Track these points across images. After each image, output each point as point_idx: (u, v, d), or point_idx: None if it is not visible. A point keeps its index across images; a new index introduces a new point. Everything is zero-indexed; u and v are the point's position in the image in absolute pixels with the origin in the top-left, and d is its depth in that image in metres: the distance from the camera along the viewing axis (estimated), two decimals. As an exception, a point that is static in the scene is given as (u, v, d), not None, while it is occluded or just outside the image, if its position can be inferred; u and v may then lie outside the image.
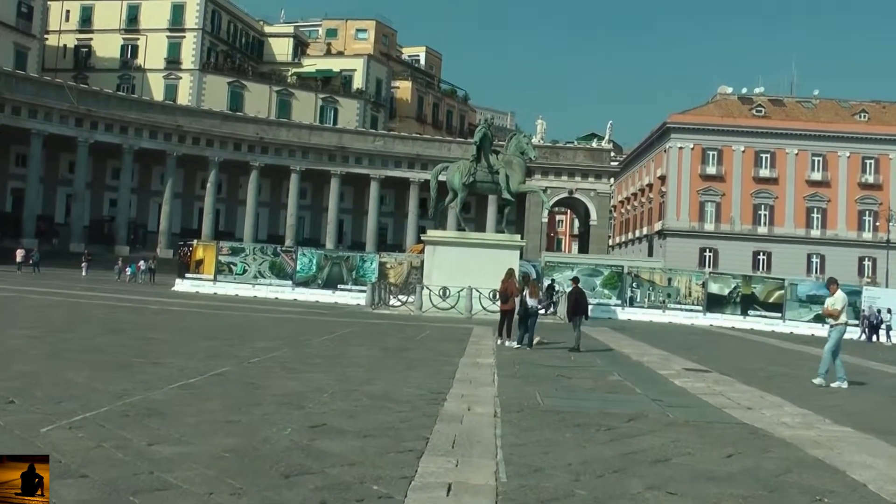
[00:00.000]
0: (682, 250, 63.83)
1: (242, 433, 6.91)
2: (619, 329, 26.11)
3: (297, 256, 37.20)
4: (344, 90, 71.93)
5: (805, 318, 35.13)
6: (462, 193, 31.07)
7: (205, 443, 6.50)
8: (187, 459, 5.96)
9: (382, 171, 60.79)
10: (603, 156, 61.00)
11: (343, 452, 6.41)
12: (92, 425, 6.83)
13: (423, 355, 14.42)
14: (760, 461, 6.91)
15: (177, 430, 6.88)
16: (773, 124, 66.59)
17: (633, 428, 8.12)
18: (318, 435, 7.00)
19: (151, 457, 5.99)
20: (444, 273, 29.57)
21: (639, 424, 8.33)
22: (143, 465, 5.78)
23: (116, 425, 6.90)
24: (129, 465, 5.76)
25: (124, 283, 41.06)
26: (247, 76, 69.17)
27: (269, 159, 59.30)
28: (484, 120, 33.01)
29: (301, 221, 62.79)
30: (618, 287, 36.46)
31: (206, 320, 20.55)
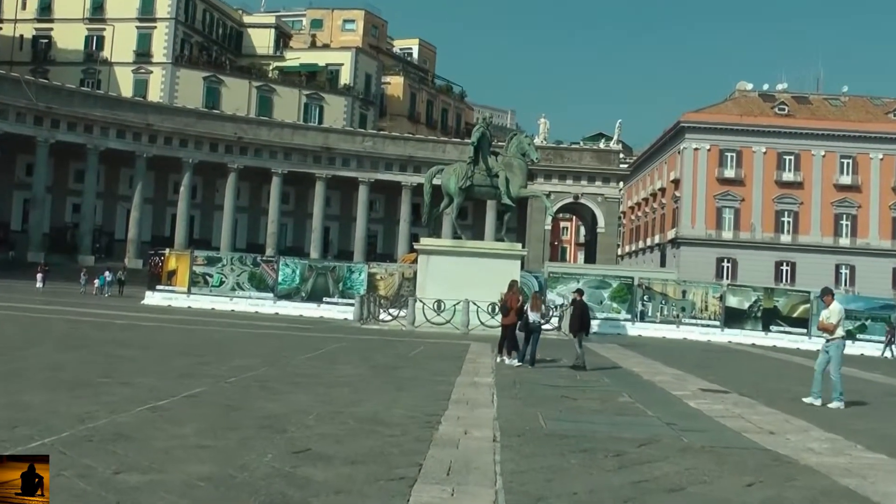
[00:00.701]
0: (698, 260, 63.95)
1: (218, 460, 6.88)
2: (628, 346, 26.11)
3: (279, 267, 37.12)
4: (330, 86, 72.08)
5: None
6: (458, 198, 31.09)
7: (177, 470, 6.47)
8: (158, 489, 5.93)
9: (372, 174, 60.86)
10: (611, 157, 61.19)
11: (328, 480, 6.39)
12: (52, 452, 6.80)
13: (415, 374, 14.39)
14: (784, 491, 6.90)
15: (146, 456, 6.85)
16: (797, 123, 66.81)
17: (644, 454, 8.11)
18: (302, 461, 6.97)
19: (118, 486, 5.96)
20: (439, 285, 29.54)
21: (650, 450, 8.32)
22: (109, 495, 5.74)
23: (79, 452, 6.87)
24: (93, 495, 5.73)
25: (89, 296, 40.92)
26: (224, 70, 69.28)
27: (249, 161, 59.34)
28: (482, 119, 33.10)
29: (283, 229, 62.76)
30: (627, 300, 36.44)
31: (179, 336, 20.49)
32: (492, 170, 31.05)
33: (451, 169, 31.77)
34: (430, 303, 29.07)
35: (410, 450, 7.60)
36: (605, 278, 37.29)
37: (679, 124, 67.97)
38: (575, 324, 18.01)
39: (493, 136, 35.31)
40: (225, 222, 59.13)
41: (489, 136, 32.30)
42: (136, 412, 8.83)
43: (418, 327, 28.46)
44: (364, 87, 74.20)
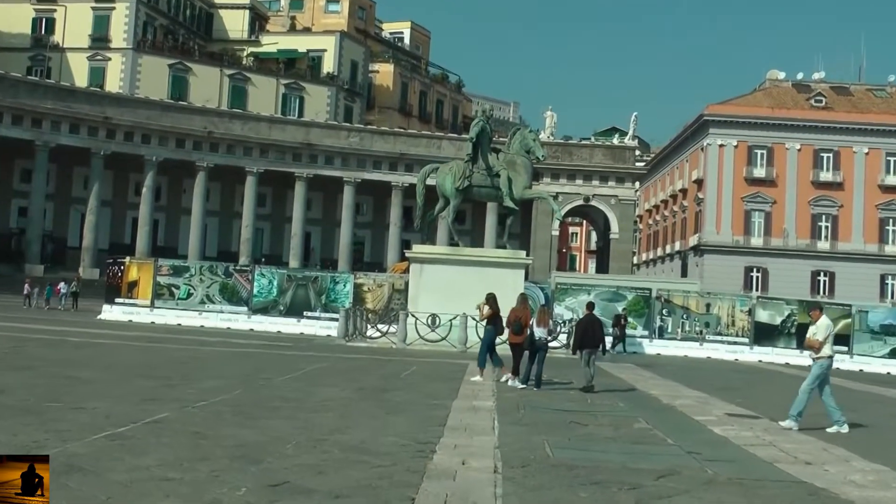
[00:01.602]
0: (724, 270, 64.06)
1: (185, 494, 6.86)
2: (645, 365, 26.12)
3: (254, 277, 37.08)
4: (311, 75, 72.17)
5: (878, 352, 35.20)
6: (455, 201, 31.13)
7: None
8: (115, 526, 5.91)
9: (358, 174, 60.92)
10: (626, 155, 61.34)
11: (308, 517, 6.37)
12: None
13: (407, 397, 14.38)
14: (821, 527, 6.90)
15: (103, 490, 6.82)
16: (836, 117, 66.91)
17: (663, 487, 8.10)
18: (280, 496, 6.95)
19: (71, 523, 5.94)
20: (434, 297, 29.53)
21: (670, 482, 8.32)
22: (60, 533, 5.71)
23: (28, 484, 6.83)
24: (43, 533, 5.69)
25: (40, 311, 40.81)
26: (192, 57, 69.34)
27: (220, 159, 59.37)
28: (482, 112, 33.15)
29: (259, 234, 62.75)
30: (644, 314, 36.46)
31: (141, 355, 20.45)
32: (492, 169, 31.08)
33: (446, 168, 31.81)
34: (424, 317, 29.05)
35: (401, 482, 7.58)
36: (620, 290, 37.30)
37: (702, 118, 68.13)
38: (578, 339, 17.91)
39: (493, 131, 35.38)
40: (193, 227, 59.08)
41: (489, 130, 32.34)
42: (92, 441, 8.80)
43: (410, 345, 28.43)
44: (349, 76, 74.34)
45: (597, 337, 17.76)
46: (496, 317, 18.77)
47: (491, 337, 18.63)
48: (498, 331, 18.86)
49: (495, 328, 18.69)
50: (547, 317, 18.48)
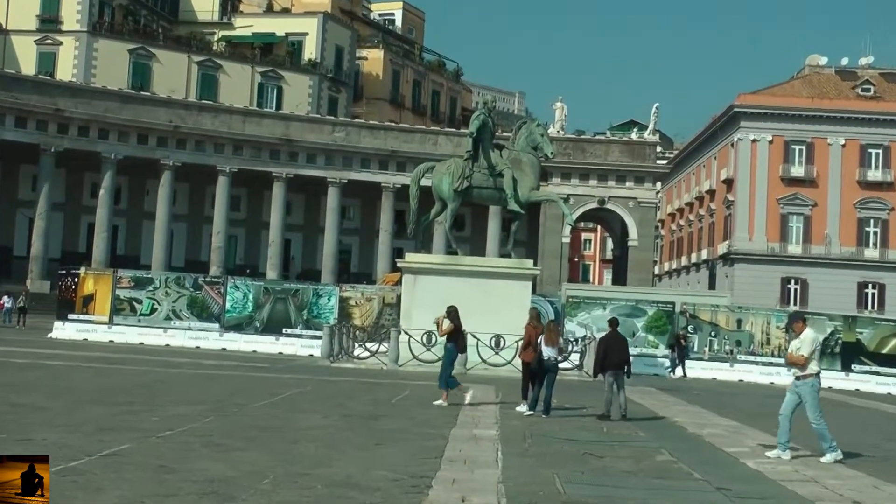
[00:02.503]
0: (757, 281, 64.05)
1: (146, 536, 6.82)
2: (669, 389, 26.12)
3: (227, 290, 37.07)
4: (291, 62, 72.25)
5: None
6: (453, 204, 31.15)
7: (93, 549, 6.42)
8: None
9: (344, 174, 60.93)
10: (646, 151, 61.40)
11: (287, 562, 6.34)
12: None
13: (399, 425, 14.37)
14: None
15: (54, 531, 6.77)
16: (886, 107, 66.78)
17: (691, 526, 8.07)
18: (253, 538, 6.93)
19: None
20: (429, 312, 29.40)
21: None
22: (5, 580, 5.68)
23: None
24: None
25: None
26: (156, 41, 69.36)
27: (188, 157, 59.36)
28: (483, 103, 33.17)
29: (232, 242, 62.71)
30: (667, 332, 36.47)
31: (98, 378, 20.41)
32: (495, 168, 31.11)
33: (444, 167, 31.83)
34: (418, 335, 29.03)
35: (393, 522, 7.55)
36: (639, 304, 37.33)
37: (732, 109, 68.18)
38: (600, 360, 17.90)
39: (496, 126, 35.42)
40: (157, 234, 59.02)
41: (492, 125, 32.37)
42: (43, 475, 8.75)
43: (403, 366, 28.42)
44: (334, 63, 74.41)
45: (622, 357, 17.67)
46: (458, 333, 18.89)
47: (452, 356, 18.77)
48: (459, 348, 19.00)
49: (456, 346, 18.75)
50: (556, 334, 18.46)
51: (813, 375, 13.01)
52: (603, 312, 36.60)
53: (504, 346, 28.70)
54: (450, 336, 18.92)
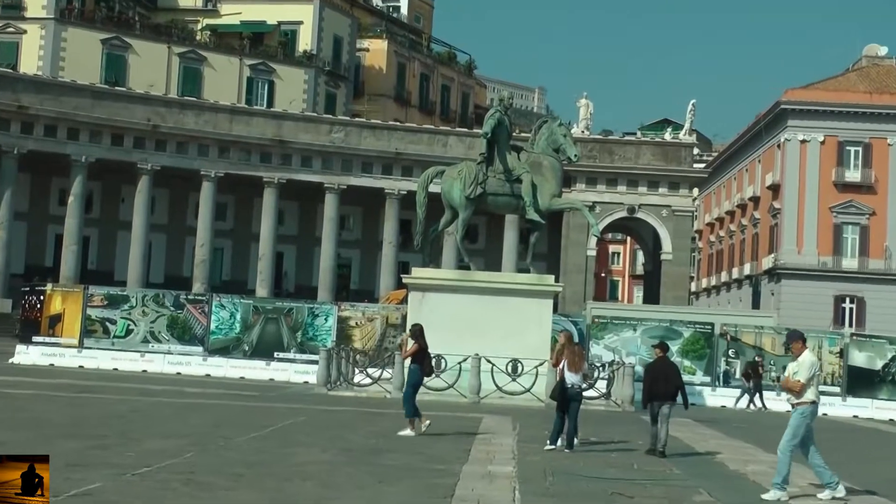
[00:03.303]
0: (807, 300, 63.82)
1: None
2: (708, 421, 26.04)
3: (212, 309, 37.13)
4: (284, 53, 72.37)
5: None
6: (465, 212, 31.18)
7: None
8: None
9: (343, 179, 60.97)
10: (681, 154, 61.36)
11: None
12: None
13: (405, 461, 14.39)
14: None
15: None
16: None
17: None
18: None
19: None
20: (438, 334, 29.27)
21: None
22: None
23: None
24: None
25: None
26: (132, 31, 69.44)
27: (168, 160, 59.43)
28: (499, 100, 33.21)
29: (218, 255, 62.77)
30: (705, 356, 36.42)
31: (67, 408, 20.44)
32: (512, 172, 31.14)
33: (454, 171, 31.88)
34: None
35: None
36: (674, 325, 37.28)
37: (779, 106, 68.00)
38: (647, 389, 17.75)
39: (513, 125, 35.46)
40: (133, 246, 59.08)
41: (508, 124, 32.42)
42: (10, 515, 8.81)
43: (409, 395, 28.43)
44: (332, 55, 74.53)
45: (672, 386, 17.55)
46: (423, 354, 18.89)
47: (417, 379, 18.83)
48: (425, 371, 19.01)
49: (422, 368, 18.80)
50: (581, 359, 18.45)
51: (808, 404, 13.00)
52: (633, 334, 36.65)
53: (522, 371, 28.72)
54: (414, 357, 18.91)
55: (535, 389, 27.98)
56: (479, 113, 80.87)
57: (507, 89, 53.39)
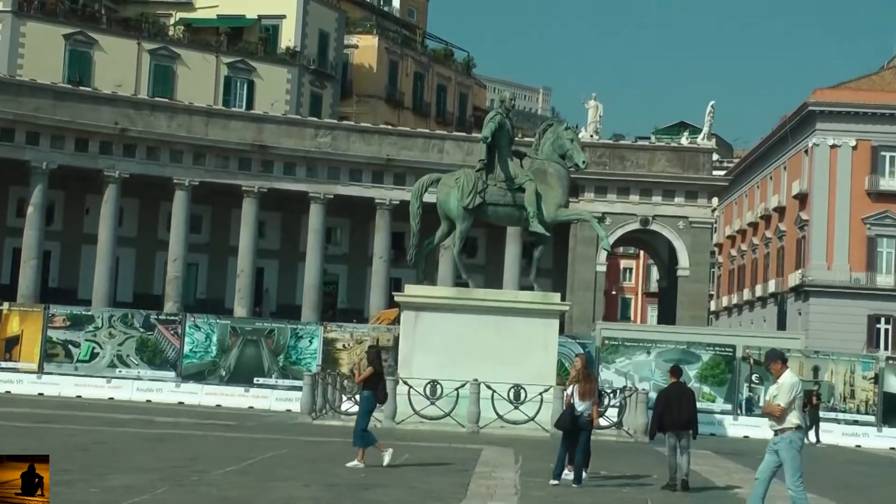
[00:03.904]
0: (838, 320, 63.78)
1: None
2: (729, 453, 26.05)
3: (186, 330, 37.10)
4: (265, 50, 72.43)
5: None
6: (463, 224, 31.20)
7: None
8: None
9: (330, 188, 61.00)
10: (700, 160, 61.42)
11: None
12: None
13: (397, 496, 14.39)
14: None
15: None
16: None
17: None
18: None
19: None
20: (434, 358, 29.56)
21: None
22: None
23: None
24: None
25: None
26: (98, 25, 69.39)
27: (138, 166, 59.41)
28: (500, 102, 33.30)
29: (192, 272, 62.70)
30: (726, 382, 36.42)
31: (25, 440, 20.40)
32: (514, 180, 31.18)
33: (451, 179, 31.91)
34: (420, 385, 29.05)
35: None
36: (692, 347, 37.29)
37: (806, 108, 68.03)
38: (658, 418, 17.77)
39: (516, 129, 35.55)
40: (99, 262, 59.00)
41: (510, 128, 32.48)
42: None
43: (401, 423, 28.41)
44: (318, 53, 74.61)
45: (686, 414, 17.53)
46: (378, 379, 18.88)
47: (370, 406, 18.85)
48: (379, 397, 19.00)
49: (375, 395, 18.88)
50: (592, 384, 18.42)
51: (792, 429, 12.94)
52: (646, 358, 36.67)
53: (525, 398, 28.72)
54: (367, 382, 18.87)
55: (540, 418, 27.95)
56: (478, 115, 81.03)
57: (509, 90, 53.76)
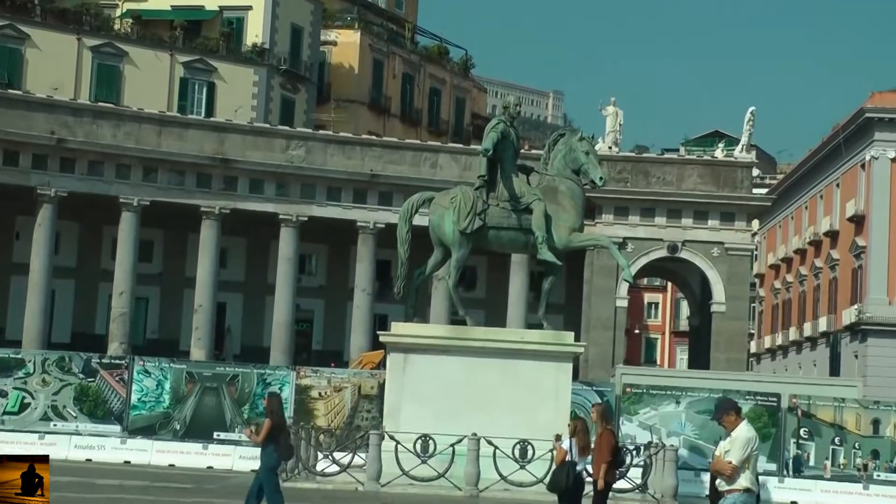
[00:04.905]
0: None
1: None
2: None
3: (134, 376, 37.05)
4: (228, 48, 72.47)
5: None
6: (460, 252, 31.18)
7: None
8: None
9: (304, 208, 60.94)
10: (737, 176, 61.48)
11: None
12: None
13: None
14: None
15: None
16: None
17: None
18: None
19: None
20: (426, 408, 29.51)
21: None
22: None
23: None
24: None
25: None
26: (30, 17, 69.31)
27: (78, 183, 59.31)
28: (503, 108, 33.34)
29: (142, 307, 62.62)
30: (770, 437, 36.39)
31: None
32: (520, 199, 31.17)
33: (446, 199, 31.89)
34: (410, 441, 29.02)
35: None
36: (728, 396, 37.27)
37: (863, 115, 68.03)
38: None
39: (522, 139, 35.63)
40: (31, 296, 58.88)
41: (515, 138, 32.50)
42: None
43: (387, 485, 28.36)
44: (290, 51, 74.67)
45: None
46: (279, 431, 18.88)
47: (274, 463, 18.93)
48: (282, 454, 19.00)
49: (277, 449, 18.85)
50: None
51: (740, 491, 13.01)
52: (675, 408, 36.65)
53: (533, 456, 28.68)
54: (267, 436, 18.87)
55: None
56: (477, 124, 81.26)
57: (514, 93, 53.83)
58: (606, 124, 61.12)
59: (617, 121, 60.87)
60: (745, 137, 61.34)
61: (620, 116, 61.06)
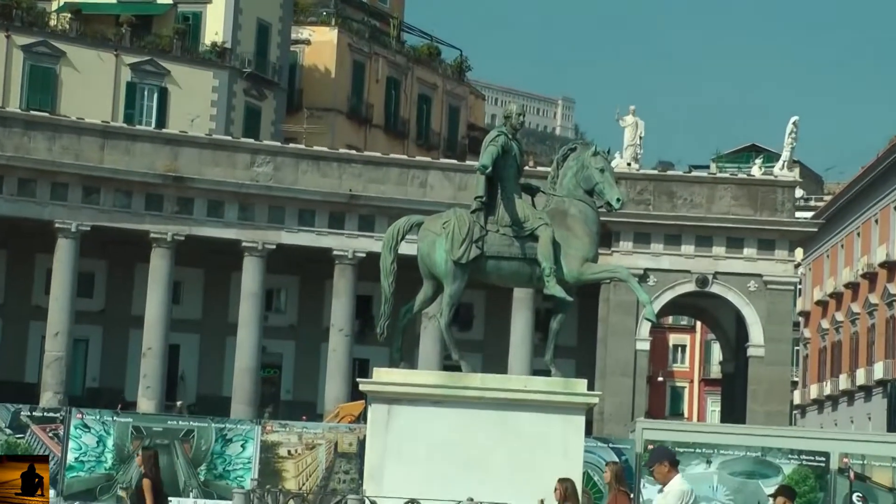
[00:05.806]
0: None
1: None
2: None
3: (71, 432, 37.04)
4: (183, 47, 72.69)
5: None
6: (454, 285, 31.08)
7: None
8: None
9: (271, 235, 61.06)
10: (777, 198, 61.65)
11: None
12: None
13: None
14: None
15: None
16: None
17: None
18: None
19: None
20: (413, 468, 29.40)
21: None
22: None
23: None
24: None
25: None
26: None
27: (6, 205, 59.40)
28: (504, 117, 33.36)
29: (81, 350, 62.63)
30: (818, 503, 36.43)
31: None
32: (524, 224, 31.19)
33: (438, 223, 31.84)
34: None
35: None
36: (768, 455, 37.33)
37: (921, 128, 68.61)
38: None
39: (526, 154, 35.73)
40: (-47, 336, 59.14)
41: (518, 152, 32.56)
42: None
43: (368, 561, 28.36)
44: (256, 50, 74.92)
45: None
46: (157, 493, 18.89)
47: None
48: None
49: None
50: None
51: None
52: (706, 469, 36.64)
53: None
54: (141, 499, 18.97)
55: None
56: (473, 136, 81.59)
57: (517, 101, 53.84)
58: (625, 137, 61.23)
59: (637, 133, 60.92)
60: (786, 152, 61.41)
61: (641, 128, 61.10)
